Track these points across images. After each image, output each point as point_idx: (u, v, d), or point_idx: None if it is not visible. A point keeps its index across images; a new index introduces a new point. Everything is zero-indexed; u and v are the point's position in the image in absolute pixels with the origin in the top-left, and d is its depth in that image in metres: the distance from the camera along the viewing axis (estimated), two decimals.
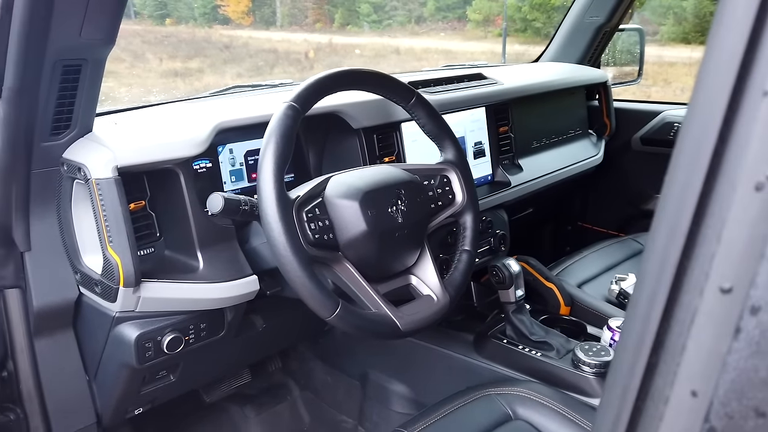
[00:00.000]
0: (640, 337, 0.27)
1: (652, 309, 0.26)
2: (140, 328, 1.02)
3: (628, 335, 0.29)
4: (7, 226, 0.99)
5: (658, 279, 0.26)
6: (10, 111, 0.87)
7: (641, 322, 0.27)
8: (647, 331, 0.27)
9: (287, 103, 0.94)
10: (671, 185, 0.26)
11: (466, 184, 1.16)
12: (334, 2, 17.40)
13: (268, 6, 18.15)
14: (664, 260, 0.26)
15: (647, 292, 0.27)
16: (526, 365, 1.30)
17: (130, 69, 11.41)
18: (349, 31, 15.87)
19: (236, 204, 0.96)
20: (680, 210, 0.25)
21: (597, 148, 2.01)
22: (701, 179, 0.24)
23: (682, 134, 0.26)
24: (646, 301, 0.27)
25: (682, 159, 0.25)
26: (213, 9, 17.32)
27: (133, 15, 17.44)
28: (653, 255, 0.27)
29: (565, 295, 1.50)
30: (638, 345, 0.27)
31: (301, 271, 0.88)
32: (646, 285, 0.27)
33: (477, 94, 1.55)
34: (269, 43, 14.05)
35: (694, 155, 0.25)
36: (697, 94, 0.25)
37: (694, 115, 0.25)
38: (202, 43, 14.31)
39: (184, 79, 10.74)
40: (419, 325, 1.01)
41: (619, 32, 2.15)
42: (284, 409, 1.70)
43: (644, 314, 0.27)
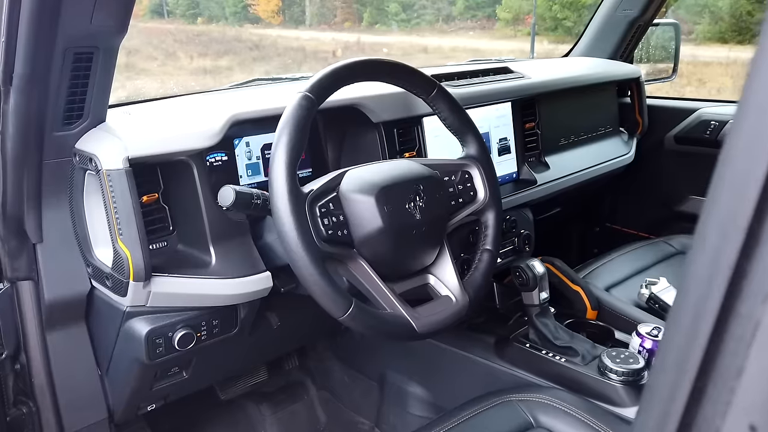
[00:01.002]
0: (684, 354, 0.22)
1: (701, 320, 0.21)
2: (151, 324, 1.00)
3: (667, 352, 0.23)
4: (19, 217, 0.98)
5: (708, 283, 0.21)
6: (21, 99, 0.86)
7: (686, 336, 0.22)
8: (693, 347, 0.21)
9: (302, 93, 0.91)
10: (728, 171, 0.21)
11: (488, 181, 1.11)
12: (363, 1, 17.42)
13: (298, 5, 18.29)
14: (717, 260, 0.21)
15: (694, 299, 0.22)
16: (550, 371, 1.24)
17: (162, 67, 11.61)
18: (377, 30, 15.88)
19: (248, 198, 0.93)
20: (738, 199, 0.20)
21: (628, 146, 1.94)
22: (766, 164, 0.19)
23: (732, 135, 0.21)
24: (693, 310, 0.22)
25: (742, 138, 0.21)
26: (244, 8, 17.53)
27: (166, 14, 17.79)
28: (702, 255, 0.22)
29: (592, 299, 1.44)
30: (681, 364, 0.22)
31: (313, 268, 0.84)
32: (693, 291, 0.22)
33: (502, 88, 1.50)
34: (297, 42, 14.14)
35: (749, 157, 0.20)
36: (755, 75, 0.20)
37: (748, 106, 0.20)
38: (233, 42, 14.50)
39: (214, 76, 10.87)
40: (436, 327, 0.97)
41: (653, 27, 2.07)
42: (301, 409, 1.68)
43: (690, 327, 0.22)
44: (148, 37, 13.58)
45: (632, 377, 1.15)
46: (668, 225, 2.02)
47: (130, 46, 11.78)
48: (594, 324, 1.40)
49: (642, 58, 2.17)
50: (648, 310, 1.44)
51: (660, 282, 1.48)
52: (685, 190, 2.00)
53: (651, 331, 1.22)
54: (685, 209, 2.02)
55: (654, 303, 1.45)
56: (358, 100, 1.21)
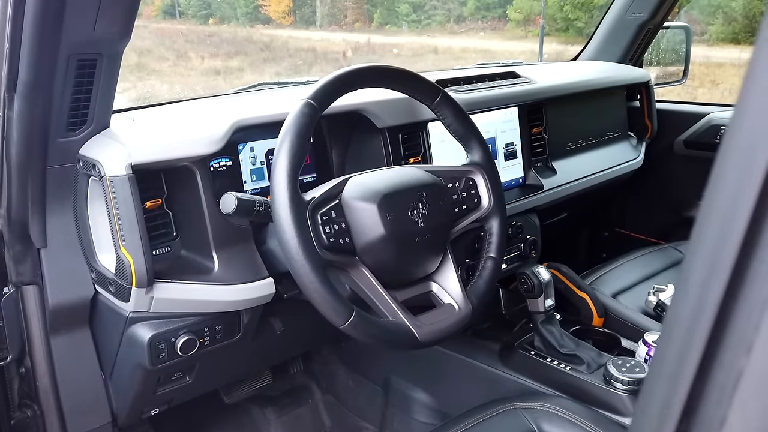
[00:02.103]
0: (666, 399, 0.21)
1: (683, 367, 0.20)
2: (154, 329, 1.00)
3: (650, 397, 0.23)
4: (24, 222, 0.98)
5: (691, 328, 0.20)
6: (25, 106, 0.86)
7: (667, 382, 0.21)
8: (675, 394, 0.21)
9: (304, 101, 0.91)
10: (711, 203, 0.20)
11: (492, 188, 1.10)
12: (374, 2, 17.41)
13: (309, 6, 18.31)
14: (701, 303, 0.20)
15: (677, 344, 0.21)
16: (554, 379, 1.23)
17: (173, 67, 11.67)
18: (387, 31, 15.86)
19: (250, 204, 0.93)
20: (724, 236, 0.19)
21: (637, 151, 1.92)
22: (754, 196, 0.18)
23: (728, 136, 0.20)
24: (676, 356, 0.21)
25: (729, 165, 0.20)
26: (255, 9, 17.57)
27: (178, 15, 17.88)
28: (686, 295, 0.21)
29: (598, 306, 1.43)
30: (663, 412, 0.21)
31: (314, 276, 0.84)
32: (676, 335, 0.21)
33: (509, 93, 1.49)
34: (308, 43, 14.15)
35: (745, 158, 0.19)
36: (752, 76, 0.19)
37: (744, 108, 0.19)
38: (243, 43, 14.54)
39: (225, 77, 10.91)
40: (438, 336, 0.96)
41: (664, 30, 2.04)
42: (305, 413, 1.67)
43: (672, 373, 0.21)
44: (159, 37, 13.66)
45: (638, 386, 1.13)
46: (677, 231, 2.00)
47: (141, 47, 11.85)
48: (600, 331, 1.39)
49: (652, 61, 2.15)
50: (655, 317, 1.43)
51: (668, 289, 1.46)
52: (694, 196, 1.98)
53: (658, 340, 1.21)
54: (694, 215, 1.97)
55: (662, 310, 1.43)
56: (362, 106, 1.20)
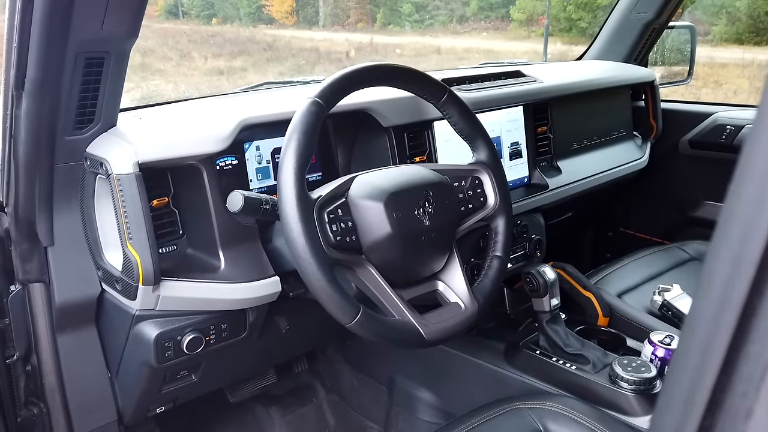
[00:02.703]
0: (690, 394, 0.21)
1: (707, 359, 0.20)
2: (160, 328, 1.00)
3: (673, 391, 0.22)
4: (31, 220, 0.98)
5: (716, 321, 0.20)
6: (33, 104, 0.86)
7: (691, 375, 0.21)
8: (700, 387, 0.20)
9: (311, 99, 0.91)
10: (737, 197, 0.20)
11: (498, 187, 1.10)
12: (377, 2, 17.41)
13: (312, 6, 18.33)
14: (726, 296, 0.20)
15: (700, 336, 0.21)
16: (560, 378, 1.23)
17: (177, 67, 11.70)
18: (390, 31, 15.86)
19: (257, 203, 0.93)
20: (750, 228, 0.19)
21: (642, 150, 1.92)
22: None
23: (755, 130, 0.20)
24: (699, 348, 0.21)
25: (757, 160, 0.19)
26: (258, 9, 17.60)
27: (181, 15, 17.91)
28: (710, 288, 0.20)
29: (603, 305, 1.43)
30: (687, 405, 0.21)
31: (321, 274, 0.84)
32: (700, 327, 0.21)
33: (514, 92, 1.49)
34: (311, 43, 14.17)
35: None
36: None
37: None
38: (247, 43, 14.56)
39: (228, 77, 10.93)
40: (445, 335, 0.96)
41: (669, 30, 2.04)
42: (310, 412, 1.67)
43: (696, 365, 0.21)
44: (163, 37, 13.69)
45: (644, 386, 1.13)
46: (682, 230, 1.99)
47: (145, 47, 11.87)
48: (605, 331, 1.39)
49: (657, 61, 2.15)
50: (661, 317, 1.42)
51: (673, 289, 1.46)
52: (699, 196, 1.97)
53: (663, 339, 1.20)
54: (699, 215, 1.99)
55: (667, 310, 1.43)
56: (368, 105, 1.20)
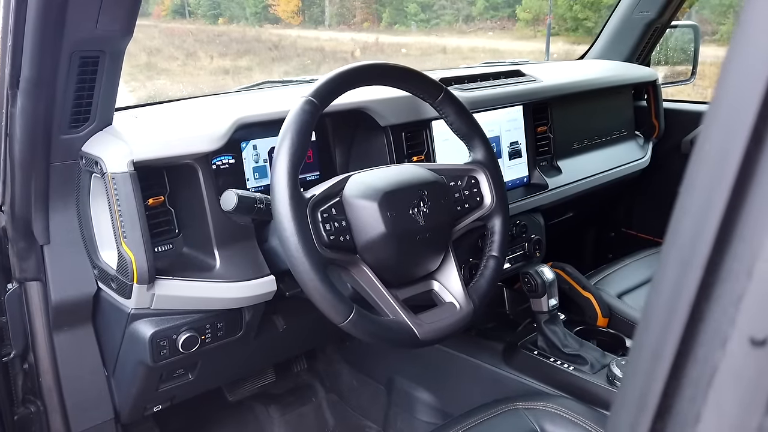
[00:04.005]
0: (642, 399, 0.21)
1: (658, 363, 0.20)
2: (155, 326, 1.00)
3: (625, 395, 0.22)
4: (27, 218, 0.99)
5: (665, 325, 0.20)
6: (28, 103, 0.87)
7: (643, 379, 0.21)
8: (650, 391, 0.20)
9: (305, 98, 0.91)
10: (687, 199, 0.20)
11: (495, 186, 1.09)
12: (382, 2, 17.42)
13: (318, 5, 18.36)
14: (675, 300, 0.19)
15: (652, 340, 0.21)
16: (558, 379, 1.22)
17: (183, 67, 11.74)
18: (396, 31, 15.87)
19: (251, 202, 0.93)
20: (698, 232, 0.19)
21: (644, 150, 1.91)
22: (727, 191, 0.18)
23: (704, 130, 0.20)
24: (650, 352, 0.21)
25: (704, 162, 0.20)
26: (264, 8, 17.64)
27: (188, 14, 17.98)
28: (660, 293, 0.20)
29: (602, 306, 1.42)
30: (638, 409, 0.21)
31: (313, 274, 0.84)
32: (651, 332, 0.21)
33: (514, 91, 1.48)
34: (317, 42, 14.19)
35: (719, 155, 0.19)
36: (727, 70, 0.19)
37: (720, 101, 0.19)
38: (252, 42, 14.60)
39: (234, 76, 10.96)
40: (439, 334, 0.95)
41: (672, 29, 2.03)
42: (309, 411, 1.67)
43: (647, 370, 0.21)
44: (169, 37, 13.73)
45: None
46: None
47: (151, 46, 11.91)
48: (604, 332, 1.38)
49: (660, 60, 2.13)
50: None
51: None
52: None
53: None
54: None
55: None
56: (366, 104, 1.20)
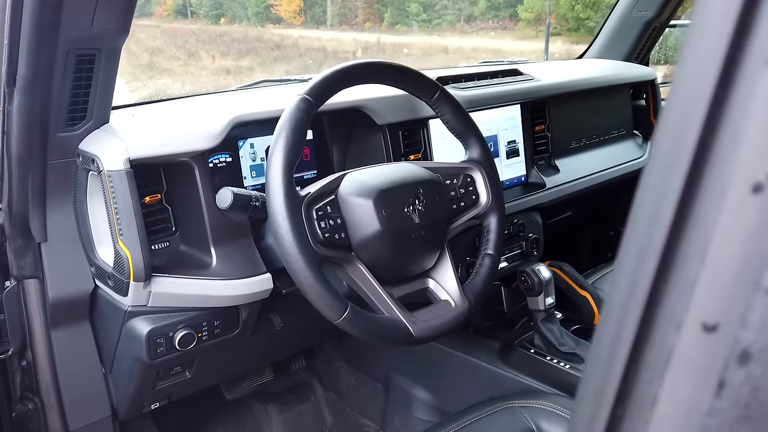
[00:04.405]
0: (603, 383, 0.21)
1: (617, 348, 0.21)
2: (152, 324, 1.01)
3: (589, 380, 0.23)
4: (25, 216, 0.99)
5: (624, 309, 0.20)
6: (25, 101, 0.87)
7: (604, 364, 0.21)
8: (611, 375, 0.21)
9: (300, 96, 0.91)
10: (644, 190, 0.20)
11: (491, 185, 1.10)
12: (384, 2, 17.42)
13: (319, 5, 18.36)
14: (633, 286, 0.20)
15: (611, 326, 0.21)
16: (554, 377, 1.23)
17: (185, 67, 11.75)
18: (398, 31, 15.87)
19: (246, 200, 0.93)
20: (654, 220, 0.19)
21: (642, 149, 1.91)
22: (681, 180, 0.19)
23: (660, 124, 0.21)
24: (611, 337, 0.21)
25: (659, 154, 0.20)
26: (266, 8, 17.65)
27: (190, 14, 17.99)
28: (620, 279, 0.21)
29: (600, 305, 1.42)
30: (600, 393, 0.21)
31: (308, 271, 0.84)
32: (611, 317, 0.21)
33: (511, 90, 1.48)
34: (319, 42, 14.20)
35: (673, 147, 0.19)
36: (680, 71, 0.19)
37: (675, 98, 0.19)
38: (254, 42, 14.61)
39: (235, 76, 10.96)
40: (434, 332, 0.96)
41: (671, 28, 2.03)
42: (307, 409, 1.68)
43: (608, 354, 0.21)
44: (171, 37, 13.75)
45: None
46: None
47: (153, 46, 11.93)
48: None
49: (660, 59, 2.13)
50: None
51: None
52: None
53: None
54: None
55: None
56: (363, 102, 1.20)
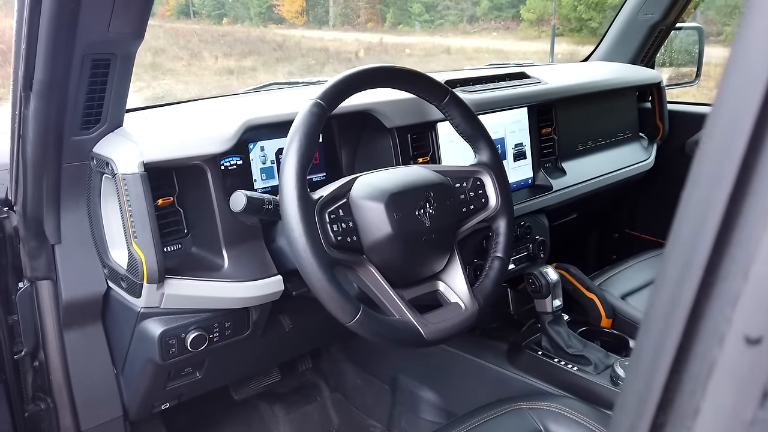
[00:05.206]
0: (644, 391, 0.22)
1: (659, 359, 0.21)
2: (164, 325, 1.02)
3: (630, 389, 0.23)
4: (39, 218, 1.00)
5: (667, 321, 0.21)
6: (41, 104, 0.88)
7: (646, 373, 0.22)
8: (653, 384, 0.21)
9: (313, 101, 0.92)
10: (688, 204, 0.21)
11: (500, 188, 1.10)
12: (386, 2, 17.42)
13: (322, 6, 18.36)
14: (676, 299, 0.21)
15: (653, 337, 0.22)
16: (561, 379, 1.23)
17: (188, 67, 11.75)
18: (400, 31, 15.87)
19: (259, 203, 0.94)
20: (698, 235, 0.20)
21: (648, 152, 1.91)
22: (726, 196, 0.19)
23: (705, 138, 0.21)
24: (653, 348, 0.22)
25: (705, 168, 0.21)
26: (268, 9, 17.64)
27: (192, 14, 17.98)
28: (663, 291, 0.22)
29: (606, 307, 1.43)
30: (641, 402, 0.22)
31: (321, 274, 0.85)
32: (653, 328, 0.22)
33: (518, 93, 1.49)
34: (321, 43, 14.19)
35: (718, 162, 0.20)
36: (726, 81, 0.20)
37: (720, 110, 0.20)
38: (257, 42, 14.60)
39: (238, 77, 10.97)
40: (445, 334, 0.97)
41: (677, 31, 2.03)
42: (314, 410, 1.69)
43: (649, 364, 0.22)
44: (174, 37, 13.76)
45: None
46: None
47: (156, 46, 11.92)
48: (608, 332, 1.39)
49: (665, 62, 2.14)
50: None
51: None
52: None
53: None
54: None
55: None
56: (372, 106, 1.21)
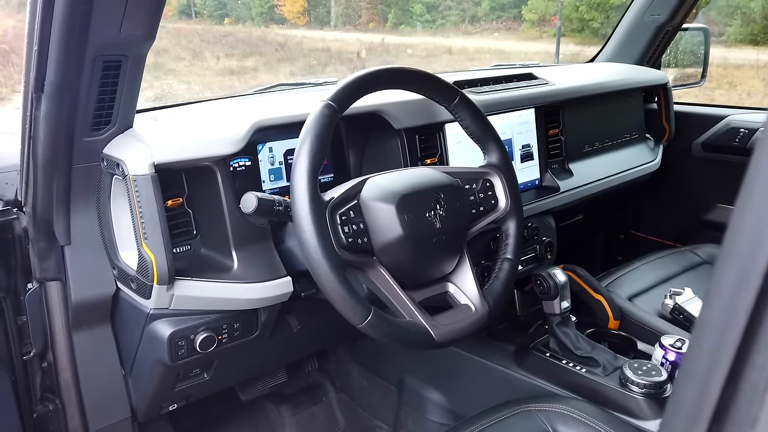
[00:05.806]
0: (698, 400, 0.21)
1: (715, 367, 0.21)
2: (174, 326, 1.02)
3: (681, 398, 0.23)
4: (49, 219, 1.00)
5: (723, 331, 0.21)
6: (52, 105, 0.88)
7: (699, 382, 0.22)
8: (708, 393, 0.21)
9: (324, 102, 0.92)
10: (744, 209, 0.20)
11: (510, 189, 1.10)
12: (388, 2, 17.42)
13: (323, 6, 18.35)
14: (733, 308, 0.20)
15: (708, 345, 0.21)
16: (570, 381, 1.23)
17: (189, 67, 11.75)
18: (401, 31, 15.86)
19: (270, 204, 0.94)
20: (756, 242, 0.19)
21: (654, 153, 1.91)
22: None
23: (758, 149, 0.21)
24: (707, 356, 0.21)
25: (763, 170, 0.20)
26: (270, 9, 17.64)
27: (194, 14, 17.98)
28: (718, 299, 0.21)
29: (614, 308, 1.43)
30: (695, 409, 0.21)
31: (333, 276, 0.85)
32: (708, 336, 0.22)
33: (526, 94, 1.49)
34: (323, 43, 14.18)
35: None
36: None
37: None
38: (258, 42, 14.59)
39: (240, 77, 10.96)
40: (455, 336, 0.96)
41: (682, 32, 2.03)
42: (320, 411, 1.69)
43: (703, 373, 0.21)
44: (176, 37, 13.75)
45: (654, 390, 1.13)
46: (695, 234, 1.98)
47: (158, 47, 11.90)
48: (616, 334, 1.38)
49: (670, 62, 2.14)
50: (672, 321, 1.42)
51: (685, 292, 1.46)
52: (712, 199, 1.96)
53: (674, 343, 1.20)
54: (712, 218, 1.98)
55: (678, 314, 1.42)
56: (380, 107, 1.21)
